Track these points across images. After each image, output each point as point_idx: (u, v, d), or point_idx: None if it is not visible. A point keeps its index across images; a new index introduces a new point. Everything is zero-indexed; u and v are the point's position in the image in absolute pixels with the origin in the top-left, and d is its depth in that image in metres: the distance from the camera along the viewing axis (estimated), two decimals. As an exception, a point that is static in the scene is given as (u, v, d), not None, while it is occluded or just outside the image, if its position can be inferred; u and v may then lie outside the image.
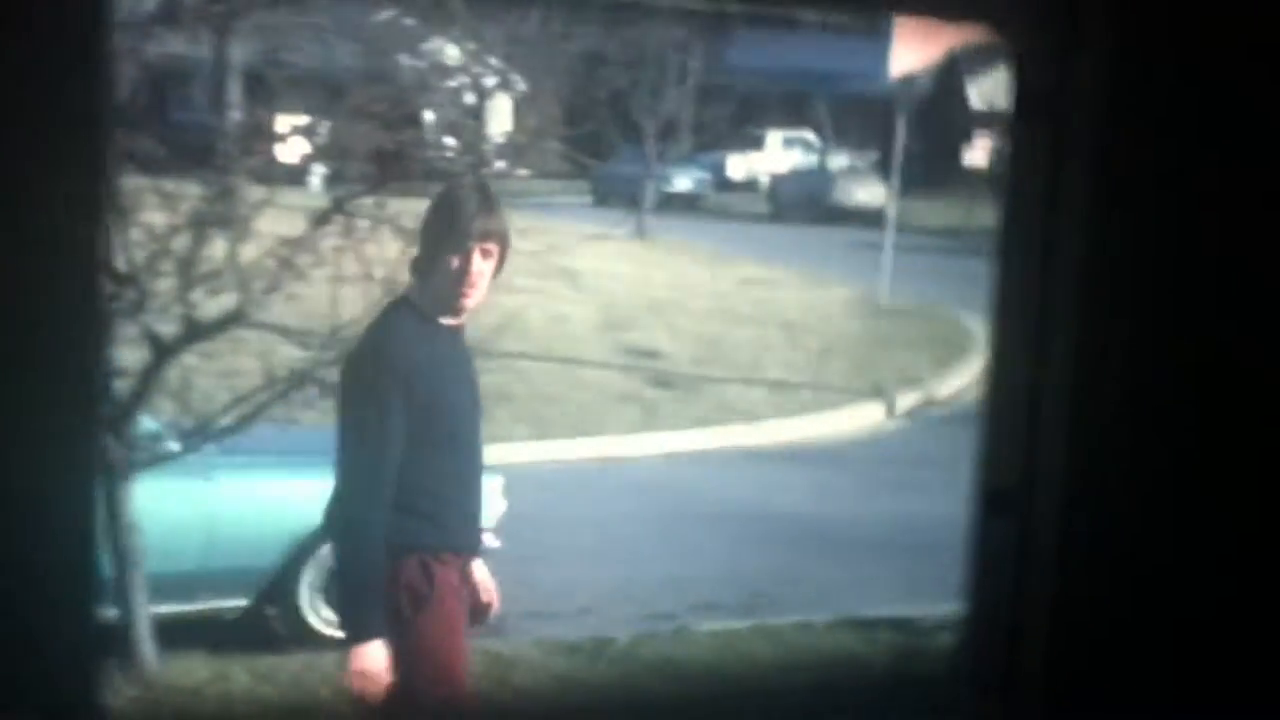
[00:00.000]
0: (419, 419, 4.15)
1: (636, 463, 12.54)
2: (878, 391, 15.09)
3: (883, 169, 29.35)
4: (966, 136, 38.13)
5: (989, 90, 37.97)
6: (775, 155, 36.21)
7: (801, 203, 31.31)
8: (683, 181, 31.48)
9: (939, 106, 36.79)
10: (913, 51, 37.79)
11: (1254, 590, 2.27)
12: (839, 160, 33.91)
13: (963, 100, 37.66)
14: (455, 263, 4.22)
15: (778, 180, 33.16)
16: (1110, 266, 2.16)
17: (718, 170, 34.41)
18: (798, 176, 33.05)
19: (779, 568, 9.96)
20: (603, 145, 26.52)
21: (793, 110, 40.01)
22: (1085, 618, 2.21)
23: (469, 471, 4.30)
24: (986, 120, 38.51)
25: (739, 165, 36.15)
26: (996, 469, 2.27)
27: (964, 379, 16.14)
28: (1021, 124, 2.23)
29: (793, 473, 12.57)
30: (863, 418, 14.45)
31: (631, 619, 8.60)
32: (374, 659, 4.05)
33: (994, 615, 2.26)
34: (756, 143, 36.91)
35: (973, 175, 36.69)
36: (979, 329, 18.74)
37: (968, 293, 21.25)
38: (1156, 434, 2.20)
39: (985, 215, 34.59)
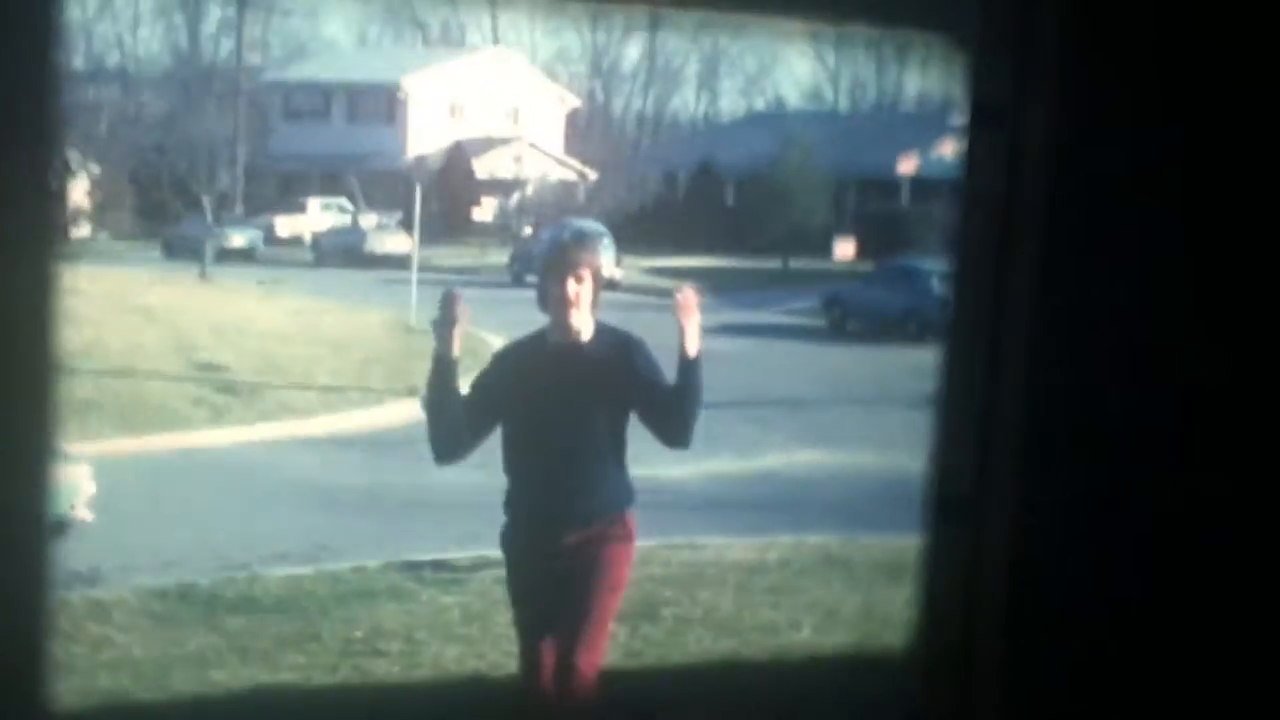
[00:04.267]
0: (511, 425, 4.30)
1: (210, 451, 12.51)
2: (413, 391, 15.35)
3: (407, 225, 29.77)
4: (475, 199, 38.82)
5: (490, 164, 38.82)
6: (315, 217, 36.40)
7: (339, 252, 31.42)
8: (238, 239, 31.61)
9: (451, 177, 37.44)
10: (426, 137, 38.80)
11: (1214, 601, 1.93)
12: (370, 219, 34.07)
13: (469, 172, 38.40)
14: (556, 289, 4.30)
15: (318, 236, 33.30)
16: (1066, 273, 1.86)
17: (268, 230, 34.53)
18: (335, 233, 33.21)
19: (336, 526, 9.98)
20: (169, 212, 29.12)
21: (329, 182, 40.24)
22: (1039, 625, 1.90)
23: (552, 469, 4.30)
24: (489, 187, 39.31)
25: (286, 225, 36.33)
26: (947, 475, 1.94)
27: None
28: (976, 134, 1.91)
29: (343, 454, 12.72)
30: (402, 412, 14.54)
31: (211, 569, 8.53)
32: None
33: (946, 622, 1.94)
34: (301, 208, 37.28)
35: (481, 227, 37.59)
36: (497, 342, 19.18)
37: (485, 316, 22.06)
38: (1112, 440, 1.89)
39: (495, 257, 35.56)
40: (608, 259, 4.34)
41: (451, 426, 4.20)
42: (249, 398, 14.57)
